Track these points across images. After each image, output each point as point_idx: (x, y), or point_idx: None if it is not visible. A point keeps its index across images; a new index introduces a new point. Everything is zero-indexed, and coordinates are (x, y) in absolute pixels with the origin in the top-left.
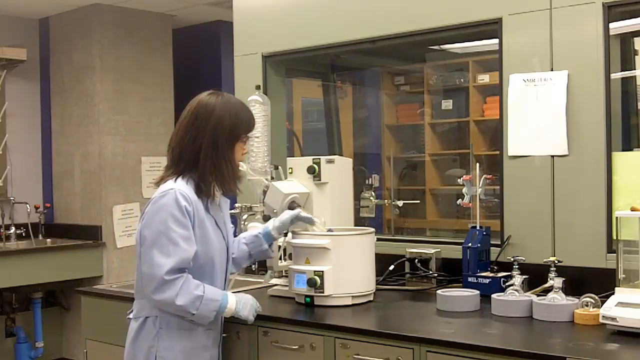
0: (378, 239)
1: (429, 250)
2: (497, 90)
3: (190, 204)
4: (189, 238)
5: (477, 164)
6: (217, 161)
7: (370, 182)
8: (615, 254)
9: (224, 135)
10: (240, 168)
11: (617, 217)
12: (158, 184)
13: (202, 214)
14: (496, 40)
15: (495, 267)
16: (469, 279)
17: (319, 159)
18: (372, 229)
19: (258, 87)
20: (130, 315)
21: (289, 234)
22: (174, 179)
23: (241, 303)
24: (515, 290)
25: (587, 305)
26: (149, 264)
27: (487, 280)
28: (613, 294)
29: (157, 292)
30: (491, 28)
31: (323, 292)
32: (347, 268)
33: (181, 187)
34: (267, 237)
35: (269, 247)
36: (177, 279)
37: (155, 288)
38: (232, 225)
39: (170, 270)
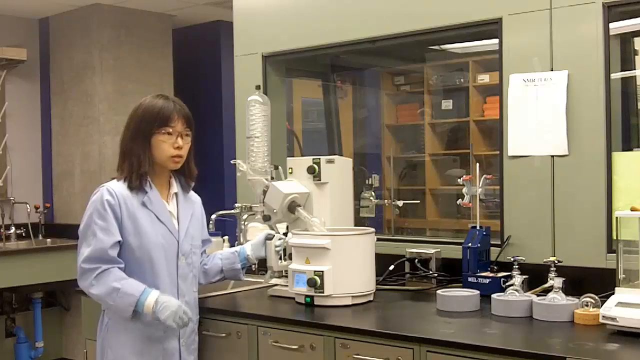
0: (378, 239)
1: (429, 250)
2: (497, 90)
3: (114, 198)
4: (107, 229)
5: (477, 164)
6: (135, 156)
7: (370, 182)
8: (615, 254)
9: (136, 129)
10: (240, 168)
11: (617, 217)
12: None
13: (134, 208)
14: (496, 40)
15: (495, 267)
16: (469, 279)
17: (319, 159)
18: (372, 229)
19: (258, 87)
20: None
21: (289, 234)
22: (113, 178)
23: (161, 305)
24: (515, 290)
25: (587, 305)
26: (77, 254)
27: (487, 280)
28: (613, 294)
29: (79, 280)
30: (491, 28)
31: (323, 292)
32: (347, 268)
33: (111, 184)
34: (242, 255)
35: (242, 269)
36: (94, 268)
37: (78, 276)
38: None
39: (85, 259)
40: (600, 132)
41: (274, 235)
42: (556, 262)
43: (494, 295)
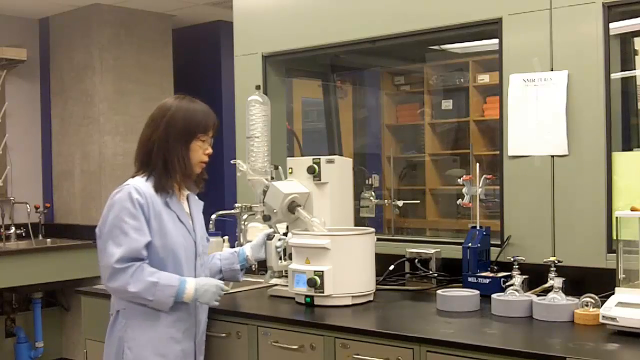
0: (378, 239)
1: (429, 250)
2: (497, 90)
3: (143, 197)
4: (140, 229)
5: (477, 164)
6: (170, 157)
7: (370, 182)
8: (615, 254)
9: (176, 132)
10: (240, 168)
11: (617, 217)
12: None
13: (160, 208)
14: (496, 40)
15: (495, 267)
16: (469, 279)
17: (319, 159)
18: (372, 229)
19: (258, 87)
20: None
21: (289, 234)
22: (133, 176)
23: (201, 290)
24: (515, 290)
25: (587, 305)
26: (103, 255)
27: (487, 280)
28: (613, 294)
29: (110, 281)
30: (491, 28)
31: (323, 292)
32: (347, 268)
33: (136, 183)
34: (242, 256)
35: (240, 269)
36: (128, 267)
37: (108, 277)
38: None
39: (119, 259)
40: (600, 132)
41: (274, 235)
42: (556, 262)
43: (494, 295)
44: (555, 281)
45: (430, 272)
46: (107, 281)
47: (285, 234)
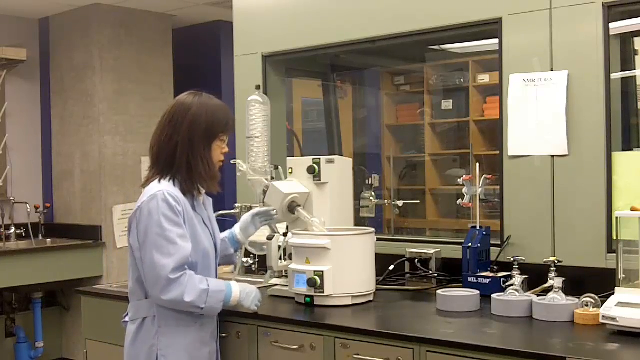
0: (378, 239)
1: (429, 250)
2: (497, 90)
3: (179, 204)
4: (185, 236)
5: (477, 164)
6: (194, 159)
7: (370, 182)
8: (615, 254)
9: (200, 133)
10: (240, 168)
11: (617, 217)
12: (144, 185)
13: (191, 212)
14: (496, 40)
15: (495, 267)
16: (469, 279)
17: (319, 159)
18: (372, 229)
19: (258, 87)
20: (126, 319)
21: (289, 234)
22: (158, 179)
23: (245, 293)
24: (515, 290)
25: (587, 305)
26: (151, 267)
27: (487, 280)
28: (613, 294)
29: (164, 292)
30: (491, 28)
31: (323, 292)
32: (347, 268)
33: (168, 188)
34: (232, 240)
35: (235, 252)
36: (182, 276)
37: (162, 288)
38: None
39: (173, 269)
40: (600, 132)
41: (274, 236)
42: (556, 262)
43: (494, 295)
44: (555, 281)
45: (430, 272)
46: (162, 293)
47: (285, 234)
